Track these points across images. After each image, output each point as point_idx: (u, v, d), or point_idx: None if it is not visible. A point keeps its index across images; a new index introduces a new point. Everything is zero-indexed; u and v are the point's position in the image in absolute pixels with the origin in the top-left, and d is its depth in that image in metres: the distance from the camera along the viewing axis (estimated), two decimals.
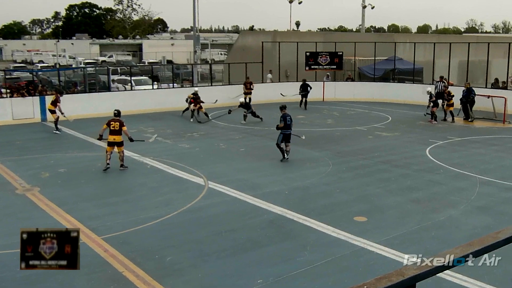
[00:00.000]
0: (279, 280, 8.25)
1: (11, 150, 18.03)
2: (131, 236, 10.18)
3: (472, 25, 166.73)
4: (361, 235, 10.09)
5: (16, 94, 25.52)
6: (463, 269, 7.79)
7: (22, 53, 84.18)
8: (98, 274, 8.48)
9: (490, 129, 22.24)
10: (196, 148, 18.52)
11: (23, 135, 20.63)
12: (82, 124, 23.19)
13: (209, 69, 36.01)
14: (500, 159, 16.62)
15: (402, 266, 2.60)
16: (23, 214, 11.57)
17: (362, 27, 53.59)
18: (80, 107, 25.13)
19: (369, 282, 2.41)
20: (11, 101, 24.16)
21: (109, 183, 14.02)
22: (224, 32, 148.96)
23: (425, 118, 23.40)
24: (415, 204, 12.20)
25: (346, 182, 14.13)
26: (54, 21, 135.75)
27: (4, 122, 22.95)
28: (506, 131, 21.73)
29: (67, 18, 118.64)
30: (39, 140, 18.82)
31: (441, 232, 10.39)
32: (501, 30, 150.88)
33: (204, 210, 11.74)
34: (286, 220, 11.06)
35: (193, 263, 8.97)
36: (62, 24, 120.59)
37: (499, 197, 12.67)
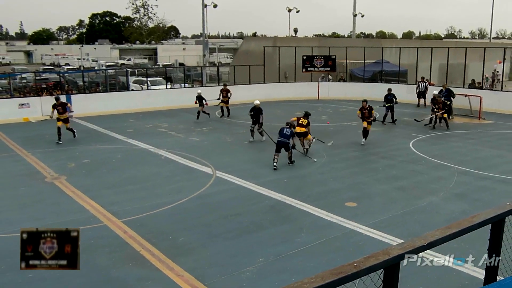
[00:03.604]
0: (279, 258, 8.27)
1: (41, 143, 18.06)
2: (147, 219, 10.21)
3: (451, 32, 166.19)
4: (351, 219, 10.10)
5: (45, 93, 25.53)
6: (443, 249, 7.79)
7: (50, 57, 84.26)
8: (118, 253, 8.51)
9: (467, 124, 22.16)
10: (205, 141, 18.52)
11: (51, 130, 20.61)
12: (104, 119, 23.25)
13: (216, 71, 35.98)
14: (476, 152, 16.59)
15: (388, 246, 2.61)
16: (52, 200, 11.60)
17: (353, 33, 53.35)
18: (102, 104, 25.27)
19: (358, 261, 2.42)
20: (41, 99, 24.18)
21: (128, 172, 14.03)
22: (230, 38, 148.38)
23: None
24: (400, 192, 12.21)
25: (338, 172, 14.12)
26: (79, 28, 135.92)
27: (35, 118, 22.99)
28: (481, 126, 21.67)
29: (90, 25, 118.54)
30: (65, 134, 18.76)
31: (422, 216, 10.39)
32: (477, 36, 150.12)
33: (212, 197, 11.75)
34: (285, 206, 11.07)
35: (202, 243, 8.98)
36: (86, 30, 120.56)
37: (475, 186, 12.66)
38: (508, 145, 17.70)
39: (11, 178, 13.54)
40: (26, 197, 11.81)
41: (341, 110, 26.74)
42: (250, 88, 30.04)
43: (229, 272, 7.75)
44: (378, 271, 2.50)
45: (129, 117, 24.20)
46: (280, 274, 7.66)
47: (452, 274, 7.62)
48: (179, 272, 7.79)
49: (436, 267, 7.74)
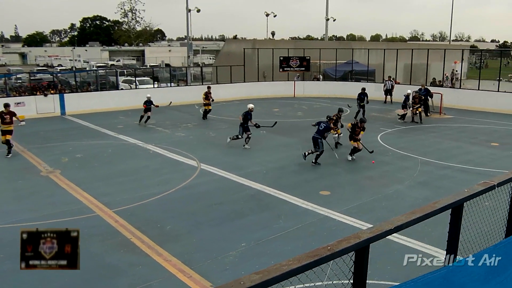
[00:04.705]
0: (259, 243, 8.29)
1: (36, 139, 17.77)
2: (137, 209, 10.14)
3: (415, 35, 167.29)
4: (325, 206, 10.17)
5: (39, 92, 25.11)
6: (407, 232, 7.91)
7: (44, 58, 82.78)
8: (110, 241, 8.45)
9: (429, 119, 22.41)
10: (190, 136, 18.43)
11: (46, 127, 20.34)
12: (95, 117, 22.98)
13: (200, 71, 35.76)
14: (437, 144, 16.80)
15: (358, 231, 2.63)
16: (47, 192, 11.45)
17: (325, 36, 53.50)
18: (93, 103, 24.98)
19: (332, 244, 2.43)
20: (35, 98, 23.78)
21: (118, 166, 13.90)
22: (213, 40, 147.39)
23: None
24: (369, 181, 12.33)
25: None
26: (71, 31, 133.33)
27: (30, 116, 22.60)
28: (442, 121, 21.96)
29: (81, 28, 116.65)
30: (59, 131, 18.51)
31: (389, 203, 10.52)
32: (438, 39, 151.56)
33: (197, 187, 11.72)
34: (265, 195, 11.09)
35: (189, 230, 8.97)
36: (77, 33, 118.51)
37: (436, 174, 12.84)
38: (466, 138, 17.98)
39: (8, 172, 13.32)
40: (22, 190, 11.64)
41: (315, 106, 26.82)
42: (231, 87, 30.03)
43: (213, 257, 7.76)
44: (350, 253, 2.52)
45: (119, 114, 23.94)
46: (261, 257, 7.69)
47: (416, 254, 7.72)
48: (167, 257, 7.77)
49: (402, 248, 7.85)
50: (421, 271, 2.75)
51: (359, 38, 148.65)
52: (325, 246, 2.40)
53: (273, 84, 32.08)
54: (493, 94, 25.21)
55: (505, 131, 19.26)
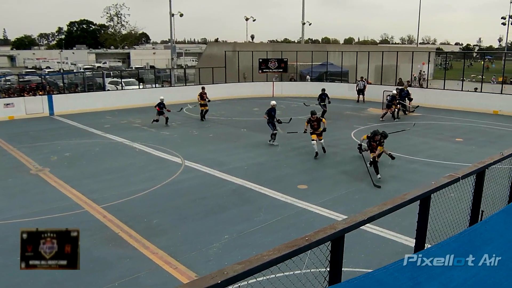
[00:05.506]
0: (241, 235, 8.29)
1: (25, 139, 17.44)
2: (124, 204, 10.04)
3: (385, 38, 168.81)
4: (303, 199, 10.22)
5: (28, 94, 24.65)
6: (380, 222, 7.99)
7: (32, 61, 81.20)
8: (99, 235, 8.35)
9: (399, 116, 22.62)
10: (175, 134, 18.31)
11: (35, 127, 19.98)
12: (83, 117, 22.68)
13: (183, 72, 35.54)
14: (407, 139, 16.99)
15: (334, 222, 2.65)
16: (37, 190, 11.25)
17: (302, 39, 53.69)
18: (81, 103, 24.66)
19: (310, 235, 2.45)
20: (24, 99, 23.33)
21: (106, 164, 13.73)
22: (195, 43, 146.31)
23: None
24: (344, 175, 12.42)
25: (291, 159, 14.23)
26: (58, 35, 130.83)
27: (19, 116, 22.22)
28: (410, 118, 22.22)
29: (69, 32, 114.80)
30: (48, 131, 18.18)
31: (363, 195, 10.62)
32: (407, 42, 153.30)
33: (181, 183, 11.65)
34: (246, 189, 11.09)
35: (174, 224, 8.92)
36: (65, 37, 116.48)
37: (406, 168, 13.01)
38: (433, 134, 18.24)
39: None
40: (13, 187, 11.42)
41: (292, 105, 26.89)
42: (213, 88, 29.69)
43: (198, 249, 7.73)
44: (327, 243, 2.54)
45: (106, 114, 23.65)
46: (243, 248, 7.69)
47: (388, 243, 7.83)
48: (154, 250, 7.72)
49: (374, 237, 7.94)
50: (392, 259, 2.79)
51: (333, 41, 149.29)
52: (303, 236, 2.42)
53: (253, 84, 32.09)
54: (457, 93, 25.64)
55: (469, 127, 19.62)
